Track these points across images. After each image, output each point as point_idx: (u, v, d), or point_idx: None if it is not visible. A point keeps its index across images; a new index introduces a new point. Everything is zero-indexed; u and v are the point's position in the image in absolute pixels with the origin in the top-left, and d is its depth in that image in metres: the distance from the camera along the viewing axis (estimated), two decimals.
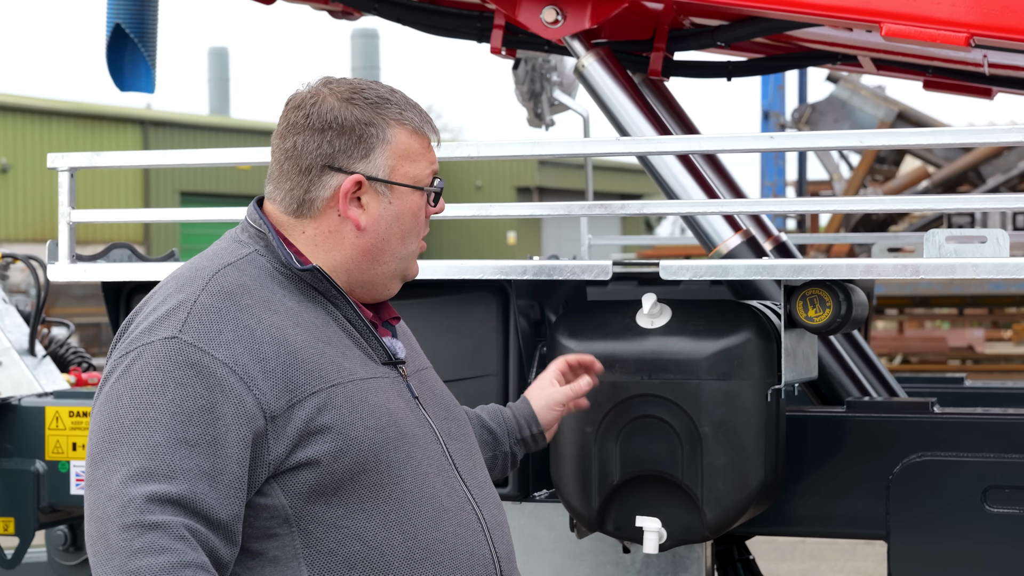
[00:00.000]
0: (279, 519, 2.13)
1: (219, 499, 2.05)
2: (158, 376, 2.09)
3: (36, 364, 4.22)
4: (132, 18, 4.00)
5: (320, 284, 2.26)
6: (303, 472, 2.12)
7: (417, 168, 2.31)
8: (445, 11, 3.96)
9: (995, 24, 2.94)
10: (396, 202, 2.30)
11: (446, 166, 2.78)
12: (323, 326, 2.24)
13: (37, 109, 32.42)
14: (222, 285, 2.19)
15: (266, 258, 2.26)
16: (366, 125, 2.27)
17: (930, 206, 3.20)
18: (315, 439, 2.13)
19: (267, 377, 2.12)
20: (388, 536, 2.16)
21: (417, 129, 2.31)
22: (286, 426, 2.12)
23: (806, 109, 14.39)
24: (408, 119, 2.30)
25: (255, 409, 2.10)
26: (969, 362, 14.86)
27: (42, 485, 3.83)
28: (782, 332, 3.03)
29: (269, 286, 2.23)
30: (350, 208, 2.27)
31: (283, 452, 2.12)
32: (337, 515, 2.14)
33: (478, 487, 2.34)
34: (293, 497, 2.13)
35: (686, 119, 4.08)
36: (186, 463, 2.04)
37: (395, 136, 2.28)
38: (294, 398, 2.13)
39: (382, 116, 2.28)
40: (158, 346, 2.11)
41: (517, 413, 2.79)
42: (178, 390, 2.08)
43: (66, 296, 20.90)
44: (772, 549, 7.92)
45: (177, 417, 2.06)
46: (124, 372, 2.12)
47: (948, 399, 3.79)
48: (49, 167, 3.37)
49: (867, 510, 3.16)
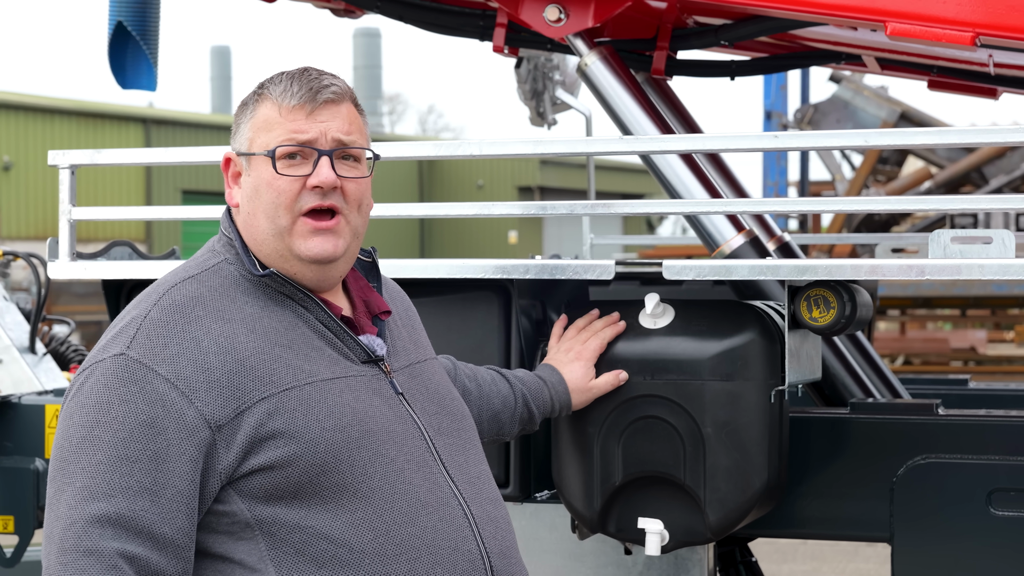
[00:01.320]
0: (240, 523, 2.13)
1: (161, 514, 2.06)
2: (104, 393, 2.11)
3: (36, 362, 4.21)
4: (134, 16, 3.99)
5: (284, 287, 2.25)
6: (257, 477, 2.13)
7: (270, 136, 2.27)
8: (447, 9, 3.94)
9: (1001, 23, 2.93)
10: (253, 174, 2.28)
11: (448, 165, 2.77)
12: (286, 330, 2.23)
13: (39, 107, 32.45)
14: (174, 299, 2.21)
15: (235, 266, 2.27)
16: (243, 105, 2.32)
17: (933, 206, 3.18)
18: (266, 444, 2.13)
19: (211, 387, 2.12)
20: (356, 533, 2.15)
21: (277, 99, 2.27)
22: (235, 434, 2.12)
23: (808, 109, 14.38)
24: (271, 92, 2.29)
25: (197, 421, 2.11)
26: (971, 363, 14.85)
27: (42, 483, 3.82)
28: (786, 333, 3.01)
29: (230, 294, 2.23)
30: (232, 188, 2.32)
31: (234, 460, 2.12)
32: (299, 516, 2.14)
33: (468, 483, 2.32)
34: (251, 502, 2.13)
35: (689, 118, 4.07)
36: (126, 480, 2.06)
37: (257, 109, 2.29)
38: (241, 405, 2.13)
39: (257, 94, 2.31)
40: (108, 364, 2.14)
41: (555, 398, 2.92)
42: (121, 407, 2.10)
43: (68, 294, 20.90)
44: (774, 551, 7.92)
45: (119, 434, 2.08)
46: (77, 391, 2.16)
47: (952, 401, 3.77)
48: (50, 164, 3.36)
49: (871, 512, 3.15)
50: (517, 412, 2.87)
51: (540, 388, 2.90)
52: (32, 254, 4.37)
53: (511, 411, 2.86)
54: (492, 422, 2.83)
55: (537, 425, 2.92)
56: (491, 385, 2.85)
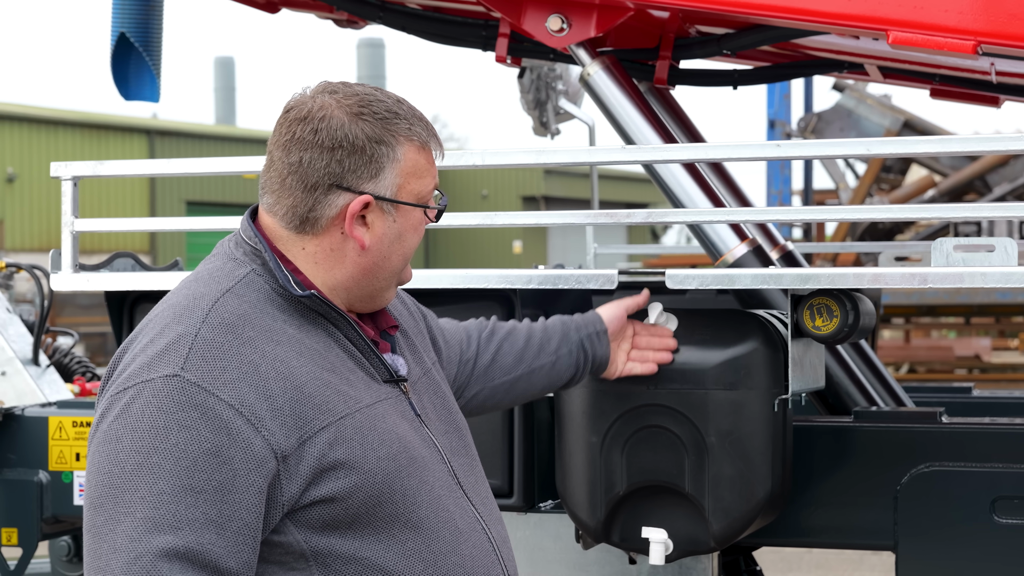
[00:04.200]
0: (295, 554, 2.07)
1: (227, 548, 1.98)
2: (160, 418, 1.99)
3: (40, 374, 4.21)
4: (137, 27, 4.00)
5: (320, 307, 2.18)
6: (317, 508, 2.06)
7: (422, 184, 2.23)
8: (450, 19, 3.95)
9: (1002, 32, 2.93)
10: (400, 220, 2.22)
11: (452, 175, 2.79)
12: (325, 351, 2.16)
13: (43, 119, 32.50)
14: (223, 316, 2.09)
15: (264, 278, 2.17)
16: (376, 143, 2.18)
17: (937, 215, 3.18)
18: (329, 475, 2.06)
19: (275, 416, 2.04)
20: (409, 565, 2.11)
21: (424, 144, 2.22)
22: (299, 464, 2.04)
23: (812, 118, 14.37)
24: (416, 134, 2.21)
25: (265, 452, 2.02)
26: (976, 371, 14.82)
27: (45, 495, 3.82)
28: (789, 342, 3.01)
29: (270, 312, 2.14)
30: (355, 228, 2.18)
31: (297, 491, 2.05)
32: (355, 547, 2.09)
33: (482, 504, 2.31)
34: (308, 533, 2.07)
35: (692, 127, 4.07)
36: (192, 512, 1.96)
37: (404, 154, 2.19)
38: (304, 435, 2.05)
39: (391, 133, 2.19)
40: (159, 384, 2.02)
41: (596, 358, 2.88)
42: (182, 433, 1.98)
43: (72, 305, 20.93)
44: (779, 559, 7.91)
45: (182, 463, 1.97)
46: (123, 411, 2.03)
47: (956, 409, 3.77)
48: (52, 176, 3.36)
49: (875, 521, 3.15)
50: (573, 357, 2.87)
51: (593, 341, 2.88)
52: (35, 266, 4.37)
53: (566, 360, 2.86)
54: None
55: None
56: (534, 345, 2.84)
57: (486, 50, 3.88)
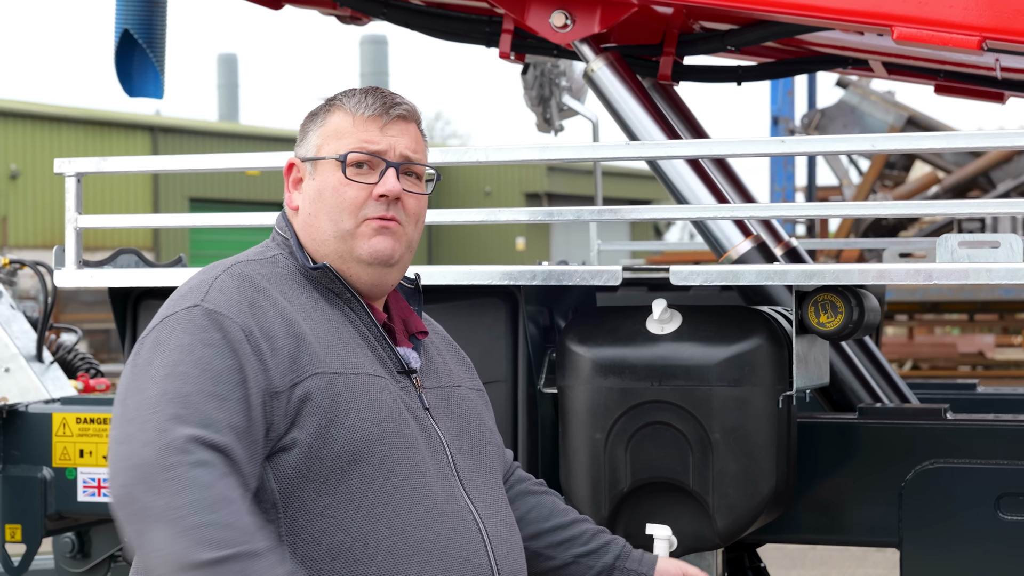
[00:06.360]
0: (268, 503, 2.15)
1: (245, 454, 2.09)
2: (185, 338, 2.14)
3: (43, 370, 4.21)
4: (141, 24, 4.00)
5: (334, 285, 2.31)
6: (294, 453, 2.15)
7: (341, 144, 2.34)
8: (454, 16, 3.95)
9: (1007, 27, 2.92)
10: (318, 178, 2.35)
11: (455, 171, 2.79)
12: (338, 324, 2.28)
13: (47, 116, 32.50)
14: (242, 270, 2.27)
15: (290, 260, 2.33)
16: (313, 115, 2.39)
17: (941, 211, 3.18)
18: (309, 419, 2.16)
19: (274, 354, 2.17)
20: (373, 529, 2.17)
21: (351, 110, 2.36)
22: (287, 404, 2.16)
23: (815, 114, 14.35)
24: (345, 103, 2.37)
25: (266, 381, 2.15)
26: (979, 368, 14.81)
27: (49, 492, 3.82)
28: (793, 338, 3.01)
29: (290, 284, 2.29)
30: (292, 192, 2.38)
31: (282, 429, 2.15)
32: (324, 504, 2.15)
33: (484, 502, 2.33)
34: (282, 480, 2.15)
35: (696, 123, 4.06)
36: (219, 415, 2.08)
37: (329, 118, 2.37)
38: (296, 378, 2.17)
39: (328, 105, 2.38)
40: (182, 315, 2.18)
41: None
42: (206, 349, 2.13)
43: (76, 302, 20.92)
44: (783, 556, 7.90)
45: (208, 373, 2.11)
46: (153, 342, 2.17)
47: (960, 405, 3.76)
48: (56, 172, 3.36)
49: (879, 517, 3.14)
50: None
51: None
52: (39, 262, 4.37)
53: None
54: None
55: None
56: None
57: (490, 46, 3.88)
